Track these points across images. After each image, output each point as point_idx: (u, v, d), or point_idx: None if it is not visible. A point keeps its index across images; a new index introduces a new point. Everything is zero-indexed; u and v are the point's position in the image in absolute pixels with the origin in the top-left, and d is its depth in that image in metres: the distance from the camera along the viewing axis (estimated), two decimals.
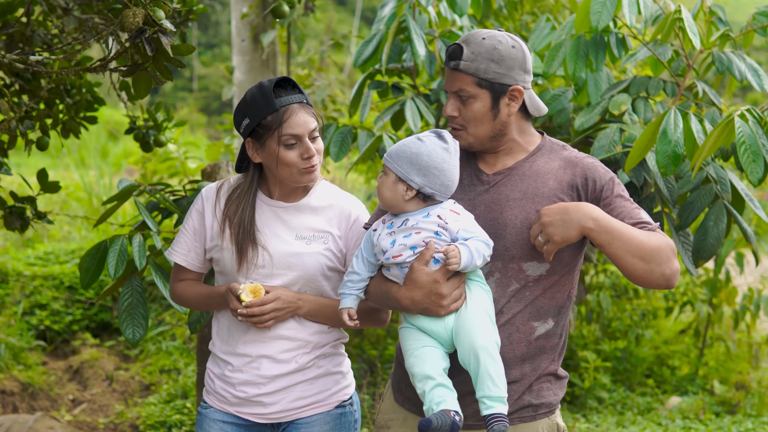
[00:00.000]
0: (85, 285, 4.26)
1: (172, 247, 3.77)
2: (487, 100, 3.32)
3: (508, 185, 3.36)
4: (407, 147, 3.25)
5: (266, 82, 3.52)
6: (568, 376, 3.54)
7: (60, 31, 5.30)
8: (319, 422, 3.75)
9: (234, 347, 3.68)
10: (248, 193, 3.63)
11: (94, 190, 12.53)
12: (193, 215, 3.73)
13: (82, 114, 5.64)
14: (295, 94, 3.54)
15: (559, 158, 3.40)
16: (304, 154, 3.51)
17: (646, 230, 3.22)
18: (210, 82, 28.03)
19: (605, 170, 3.36)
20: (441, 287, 3.17)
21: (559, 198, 3.30)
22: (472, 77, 3.31)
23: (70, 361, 8.25)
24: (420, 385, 3.19)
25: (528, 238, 3.27)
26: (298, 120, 3.49)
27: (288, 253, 3.59)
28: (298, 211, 3.65)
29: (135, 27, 3.28)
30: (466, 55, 3.30)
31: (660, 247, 3.18)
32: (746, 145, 3.86)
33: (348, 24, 29.91)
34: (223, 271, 3.69)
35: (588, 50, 4.80)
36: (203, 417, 3.77)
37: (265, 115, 3.48)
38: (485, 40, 3.31)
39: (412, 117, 5.06)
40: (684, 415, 7.50)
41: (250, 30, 9.22)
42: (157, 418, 6.91)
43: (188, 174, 8.87)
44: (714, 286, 8.43)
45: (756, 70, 4.83)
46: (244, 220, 3.59)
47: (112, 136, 18.81)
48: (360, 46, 5.43)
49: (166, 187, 4.77)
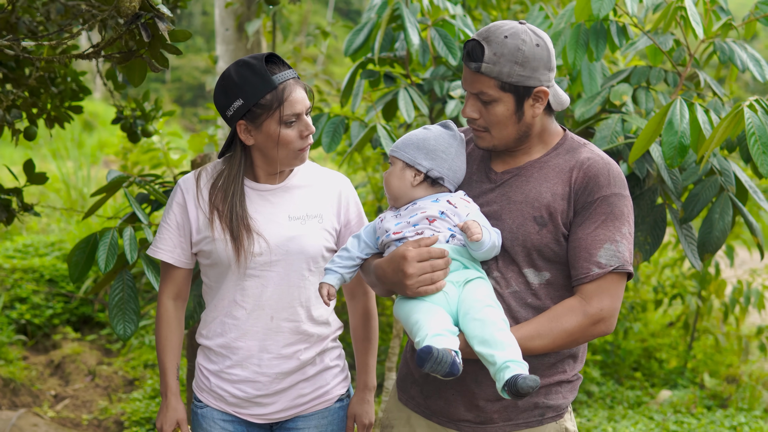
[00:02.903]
0: (74, 279, 4.14)
1: (155, 244, 3.58)
2: (510, 103, 3.14)
3: (514, 186, 3.23)
4: (413, 135, 3.23)
5: (253, 60, 3.36)
6: (581, 379, 3.42)
7: (46, 18, 5.17)
8: (317, 417, 3.68)
9: (231, 341, 3.56)
10: (236, 178, 3.47)
11: (72, 181, 12.36)
12: (174, 209, 3.55)
13: (67, 103, 5.52)
14: (288, 70, 3.40)
15: (573, 158, 3.21)
16: (303, 132, 3.40)
17: (588, 277, 3.09)
18: (183, 73, 27.89)
19: (610, 184, 3.14)
20: (407, 265, 3.06)
21: (556, 208, 3.14)
22: (494, 80, 3.10)
23: (52, 355, 8.11)
24: (419, 335, 2.95)
25: (524, 244, 3.15)
26: (297, 97, 3.37)
27: (284, 237, 3.47)
28: (286, 192, 3.55)
29: (131, 11, 3.16)
30: (488, 56, 3.08)
31: (571, 330, 3.08)
32: (756, 136, 3.77)
33: (321, 15, 29.86)
34: (217, 263, 3.52)
35: (588, 39, 4.70)
36: (201, 417, 3.66)
37: (264, 93, 3.32)
38: (508, 39, 3.07)
39: (405, 107, 4.97)
40: (675, 409, 7.45)
41: (234, 19, 9.11)
42: (142, 414, 6.81)
43: (171, 165, 8.73)
44: (703, 278, 8.38)
45: (758, 60, 4.76)
46: (236, 207, 3.44)
47: (87, 127, 18.63)
48: (350, 35, 5.33)
49: (156, 179, 4.65)
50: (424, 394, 3.37)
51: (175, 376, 3.63)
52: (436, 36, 5.19)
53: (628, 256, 3.12)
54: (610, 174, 3.14)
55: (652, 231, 4.40)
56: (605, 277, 3.09)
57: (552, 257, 3.16)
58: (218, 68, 9.34)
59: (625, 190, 3.16)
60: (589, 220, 3.11)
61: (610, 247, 3.08)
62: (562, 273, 3.19)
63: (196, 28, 29.18)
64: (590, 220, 3.10)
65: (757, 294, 8.29)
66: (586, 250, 3.09)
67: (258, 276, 3.49)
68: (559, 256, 3.16)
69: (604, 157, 3.20)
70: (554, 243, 3.14)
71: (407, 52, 5.24)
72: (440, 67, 5.40)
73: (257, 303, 3.51)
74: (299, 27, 17.45)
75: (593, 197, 3.11)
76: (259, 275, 3.49)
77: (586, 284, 3.11)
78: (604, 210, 3.10)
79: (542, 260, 3.16)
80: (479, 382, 3.20)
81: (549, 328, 3.07)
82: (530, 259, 3.16)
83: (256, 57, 3.36)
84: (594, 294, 3.10)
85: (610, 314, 3.12)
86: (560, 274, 3.19)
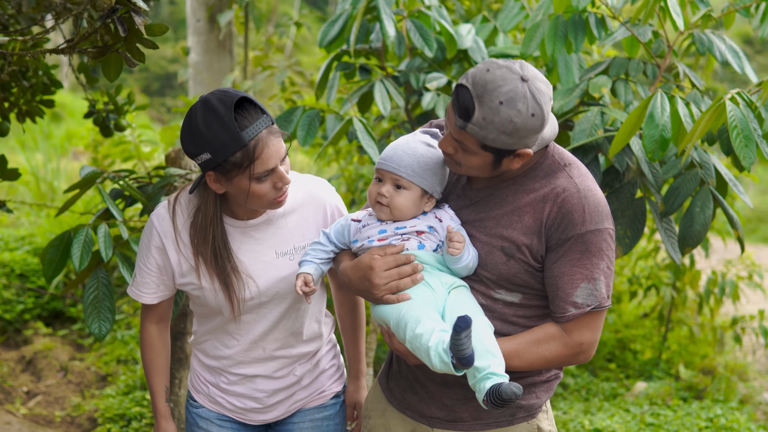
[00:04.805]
0: (49, 278, 4.07)
1: (137, 288, 3.44)
2: (489, 159, 2.97)
3: (488, 207, 3.14)
4: (426, 158, 3.11)
5: (221, 107, 3.04)
6: (560, 378, 3.39)
7: (17, 11, 5.08)
8: (313, 412, 3.67)
9: (225, 367, 3.52)
10: (214, 218, 3.27)
11: (41, 173, 12.24)
12: (153, 253, 3.37)
13: (39, 97, 5.43)
14: (261, 117, 3.10)
15: (549, 185, 3.07)
16: (277, 183, 3.17)
17: (565, 318, 3.06)
18: (150, 62, 27.68)
19: (584, 221, 3.01)
20: (374, 276, 3.05)
21: (525, 242, 3.06)
22: (476, 140, 2.93)
23: (23, 351, 8.02)
24: (421, 327, 2.92)
25: (492, 271, 3.10)
26: (270, 152, 3.10)
27: (274, 279, 3.36)
28: (270, 225, 3.40)
29: (107, 5, 3.09)
30: (477, 119, 2.85)
31: (550, 357, 3.09)
32: (738, 129, 3.74)
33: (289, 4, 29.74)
34: (205, 305, 3.43)
35: (567, 31, 4.67)
36: (196, 416, 3.62)
37: (233, 152, 3.05)
38: (502, 107, 2.82)
39: (381, 99, 4.92)
40: (651, 401, 7.45)
41: (205, 10, 9.05)
42: (116, 411, 6.73)
43: (142, 158, 8.64)
44: (678, 269, 8.38)
45: (736, 52, 4.74)
46: (220, 250, 3.28)
47: (55, 118, 18.46)
48: (325, 27, 5.26)
49: (130, 174, 4.58)
50: (401, 387, 3.38)
51: (164, 398, 3.57)
52: (411, 27, 5.12)
53: (606, 291, 3.06)
54: (585, 210, 3.01)
55: (632, 224, 4.37)
56: (584, 314, 3.06)
57: (523, 284, 3.11)
58: (190, 59, 9.27)
59: (603, 223, 3.04)
60: (564, 257, 3.03)
61: (587, 286, 3.02)
62: (536, 295, 3.14)
63: (164, 18, 28.98)
64: (565, 258, 3.03)
65: (732, 285, 8.29)
66: (563, 289, 3.04)
67: (252, 313, 3.42)
68: (530, 283, 3.11)
69: (582, 187, 3.06)
70: (524, 273, 3.08)
71: (383, 43, 5.19)
72: (416, 59, 5.35)
73: (251, 337, 3.45)
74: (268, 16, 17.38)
75: (567, 235, 3.02)
76: (253, 312, 3.42)
77: (564, 322, 3.08)
78: (579, 248, 3.02)
79: (513, 285, 3.12)
80: (449, 386, 3.21)
81: (529, 351, 3.06)
82: (500, 284, 3.12)
83: (225, 103, 3.05)
84: (574, 328, 3.08)
85: (590, 346, 3.10)
86: (534, 295, 3.14)
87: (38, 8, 5.03)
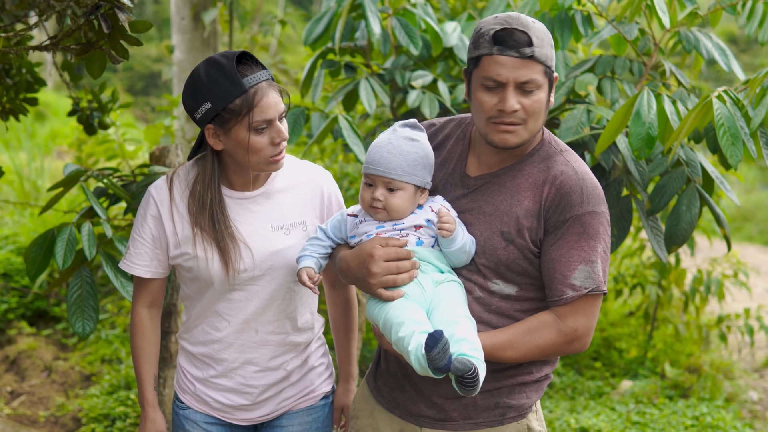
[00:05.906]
0: (32, 277, 4.04)
1: (130, 259, 3.43)
2: (546, 90, 3.04)
3: (485, 195, 3.15)
4: (413, 153, 3.11)
5: (223, 59, 3.16)
6: (551, 378, 3.37)
7: (0, 9, 5.04)
8: (302, 414, 3.64)
9: (215, 352, 3.48)
10: (211, 183, 3.29)
11: (25, 172, 12.19)
12: (149, 222, 3.38)
13: (22, 95, 5.40)
14: (261, 71, 3.20)
15: (547, 169, 3.11)
16: (275, 139, 3.21)
17: (563, 300, 3.05)
18: (135, 61, 27.60)
19: (583, 202, 3.05)
20: (373, 264, 3.04)
21: (525, 224, 3.07)
22: (542, 65, 2.98)
23: (6, 351, 7.98)
24: (403, 330, 2.92)
25: (491, 258, 3.10)
26: (269, 102, 3.17)
27: (268, 251, 3.36)
28: (268, 198, 3.41)
29: (91, 2, 3.06)
30: (536, 41, 2.94)
31: (544, 346, 3.07)
32: (725, 127, 3.73)
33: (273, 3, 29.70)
34: (198, 278, 3.40)
35: (553, 28, 4.66)
36: (183, 418, 3.59)
37: (233, 98, 3.13)
38: (536, 24, 2.98)
39: (366, 97, 4.90)
40: (637, 399, 7.44)
41: (190, 8, 8.99)
42: (100, 411, 6.70)
43: (126, 157, 8.61)
44: (663, 268, 8.38)
45: (723, 49, 4.74)
46: (217, 215, 3.29)
47: (39, 117, 18.39)
48: (310, 24, 5.24)
49: (114, 172, 4.55)
50: (389, 386, 3.36)
51: (152, 387, 3.54)
52: (397, 25, 5.11)
53: (602, 275, 3.07)
54: (583, 191, 3.05)
55: (618, 222, 4.36)
56: (580, 298, 3.05)
57: (521, 272, 3.11)
58: (174, 58, 9.22)
59: (600, 206, 3.07)
60: (561, 239, 3.04)
61: (585, 268, 3.02)
62: (532, 285, 3.14)
63: (148, 16, 28.90)
64: (563, 240, 3.04)
65: (717, 283, 8.30)
66: (560, 272, 3.04)
67: (242, 290, 3.40)
68: (527, 271, 3.11)
69: (579, 170, 3.09)
70: (522, 259, 3.08)
71: (368, 41, 5.17)
72: (401, 57, 5.34)
73: (242, 317, 3.42)
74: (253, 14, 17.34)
75: (565, 216, 3.04)
76: (243, 289, 3.39)
77: (561, 306, 3.07)
78: (577, 230, 3.03)
79: (511, 273, 3.11)
80: (438, 383, 3.18)
81: (522, 341, 3.05)
82: (498, 272, 3.11)
83: (227, 56, 3.18)
84: (569, 314, 3.06)
85: (585, 333, 3.08)
86: (530, 286, 3.14)
87: (22, 5, 4.99)
